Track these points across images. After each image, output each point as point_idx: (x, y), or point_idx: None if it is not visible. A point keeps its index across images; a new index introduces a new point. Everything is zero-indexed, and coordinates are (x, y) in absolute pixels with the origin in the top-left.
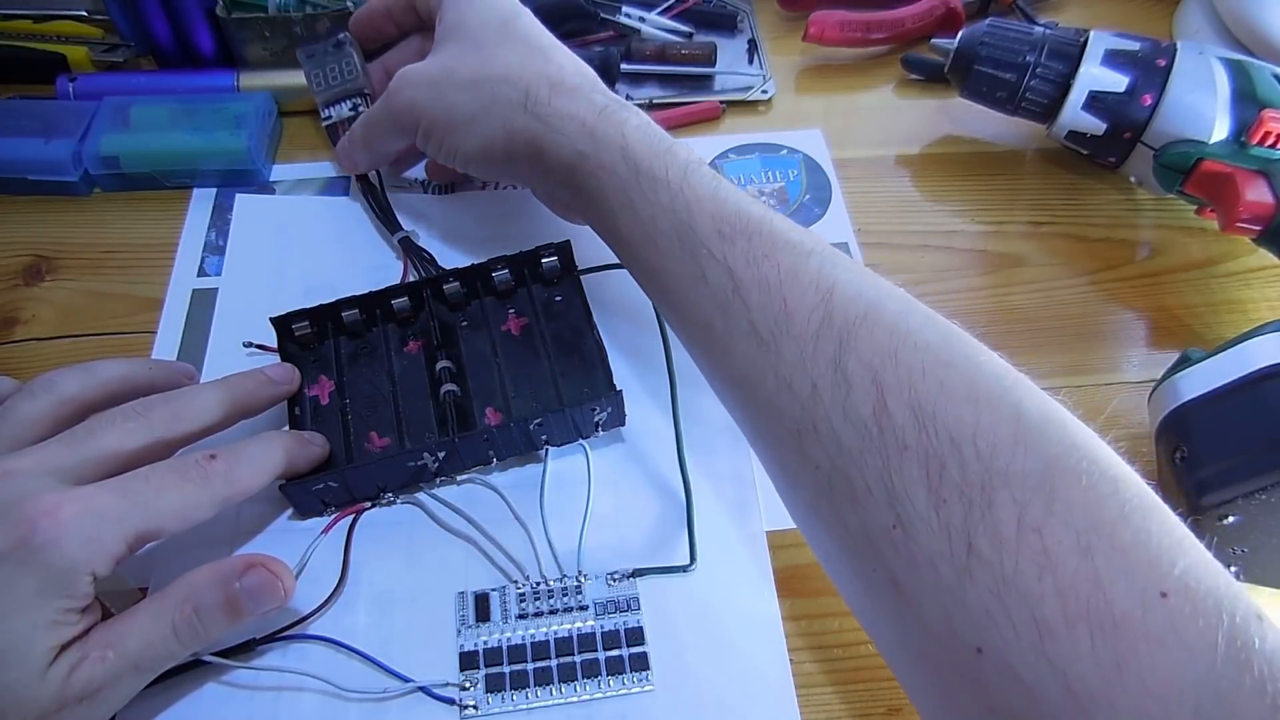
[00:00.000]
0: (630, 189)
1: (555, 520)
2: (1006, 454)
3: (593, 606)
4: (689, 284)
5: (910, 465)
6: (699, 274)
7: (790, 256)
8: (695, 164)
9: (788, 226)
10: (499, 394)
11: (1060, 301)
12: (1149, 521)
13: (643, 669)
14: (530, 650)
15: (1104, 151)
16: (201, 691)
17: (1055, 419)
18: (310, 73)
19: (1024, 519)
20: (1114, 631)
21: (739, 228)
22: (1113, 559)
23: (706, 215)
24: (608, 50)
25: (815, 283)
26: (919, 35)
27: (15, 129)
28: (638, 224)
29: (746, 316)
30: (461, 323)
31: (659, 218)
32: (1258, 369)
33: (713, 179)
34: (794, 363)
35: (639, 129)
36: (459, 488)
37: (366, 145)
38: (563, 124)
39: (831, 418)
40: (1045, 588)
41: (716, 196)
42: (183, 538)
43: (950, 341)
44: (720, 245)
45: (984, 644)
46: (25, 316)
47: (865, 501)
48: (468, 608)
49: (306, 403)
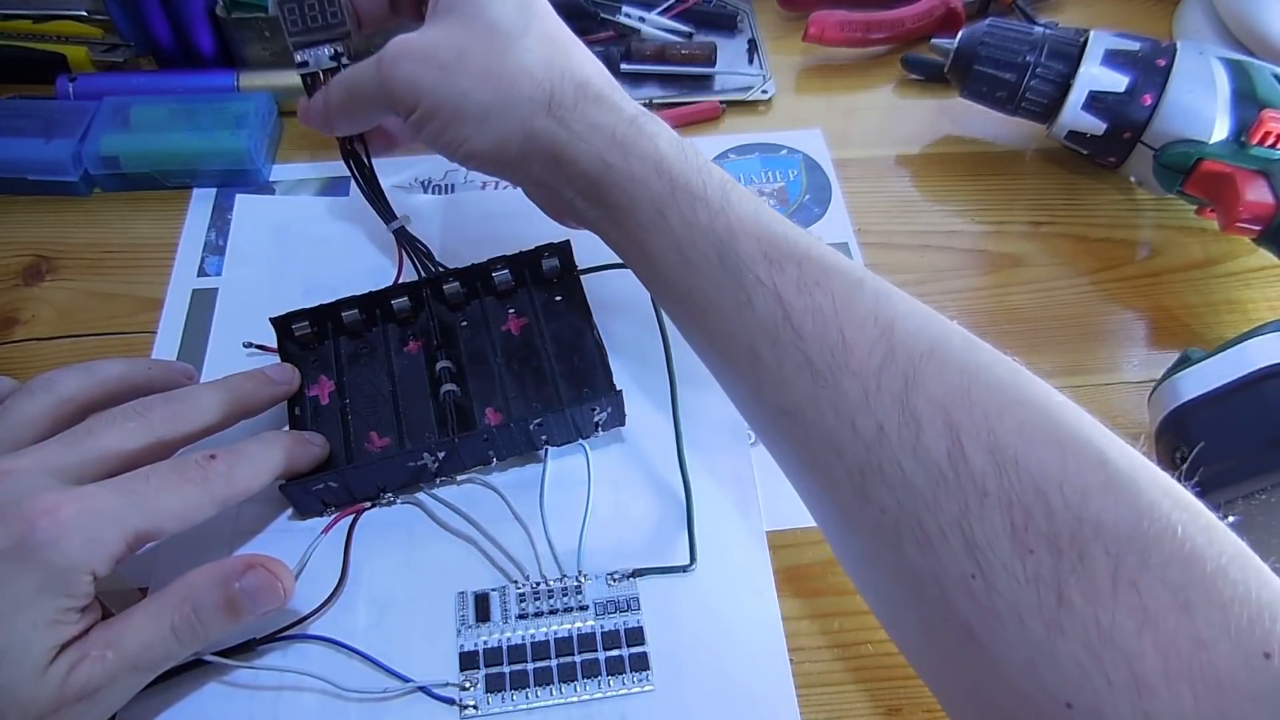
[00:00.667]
0: (664, 204)
1: (555, 520)
2: (1097, 503)
3: (593, 606)
4: (730, 309)
5: (992, 512)
6: (744, 299)
7: (843, 285)
8: (733, 183)
9: (835, 254)
10: (499, 394)
11: (1060, 301)
12: (1247, 576)
13: (643, 669)
14: (530, 650)
15: (1104, 151)
16: (202, 691)
17: (1142, 466)
18: (283, 4)
19: (1119, 572)
20: (1218, 691)
21: (787, 252)
22: (1213, 616)
23: (751, 237)
24: (608, 50)
25: (874, 315)
26: (919, 35)
27: (15, 129)
28: (670, 241)
29: (799, 347)
30: (461, 323)
31: (696, 237)
32: (1258, 369)
33: (753, 200)
34: (856, 400)
35: (673, 144)
36: (459, 488)
37: (346, 112)
38: (589, 132)
39: (900, 460)
40: (1144, 644)
41: (760, 218)
42: (183, 538)
43: (1020, 380)
44: (768, 269)
45: (1075, 699)
46: (25, 316)
47: (940, 548)
48: (468, 608)
49: (306, 403)
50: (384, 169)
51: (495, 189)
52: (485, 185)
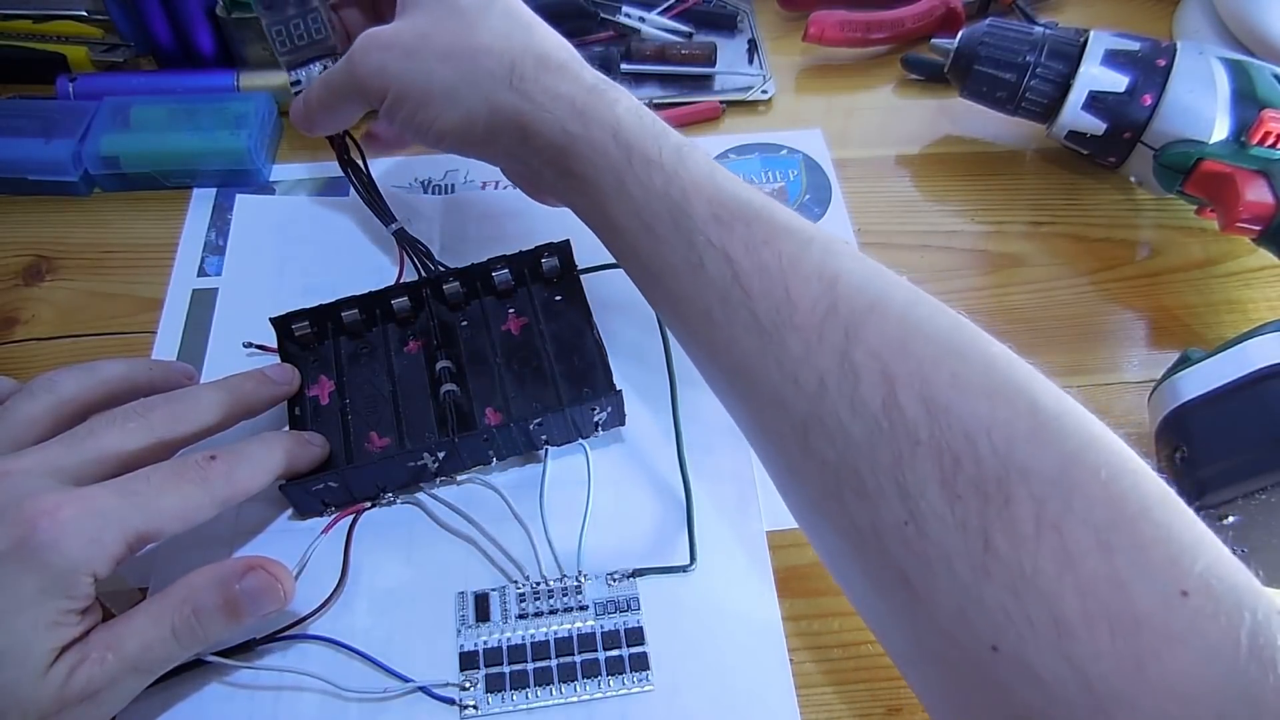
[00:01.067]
0: (622, 171)
1: (555, 520)
2: (1023, 449)
3: (593, 606)
4: (685, 271)
5: (923, 460)
6: (695, 261)
7: (791, 243)
8: (689, 146)
9: (787, 214)
10: (499, 394)
11: (1060, 301)
12: (1169, 518)
13: (643, 669)
14: (530, 650)
15: (1104, 151)
16: (202, 691)
17: (1072, 413)
18: (271, 28)
19: (1043, 515)
20: (1135, 631)
21: (737, 213)
22: (1133, 557)
23: (703, 199)
24: (608, 50)
25: (819, 271)
26: (919, 35)
27: (15, 129)
28: (630, 208)
29: (747, 305)
30: (461, 322)
31: (653, 201)
32: (1258, 369)
33: (707, 163)
34: (798, 355)
35: (631, 110)
36: (459, 488)
37: (325, 108)
38: (551, 102)
39: (839, 412)
40: (1065, 586)
41: (714, 180)
42: (183, 538)
43: (961, 332)
44: (718, 230)
45: (1000, 642)
46: (25, 316)
47: (875, 498)
48: (468, 608)
49: (307, 403)
50: (385, 171)
51: (495, 189)
52: (485, 185)
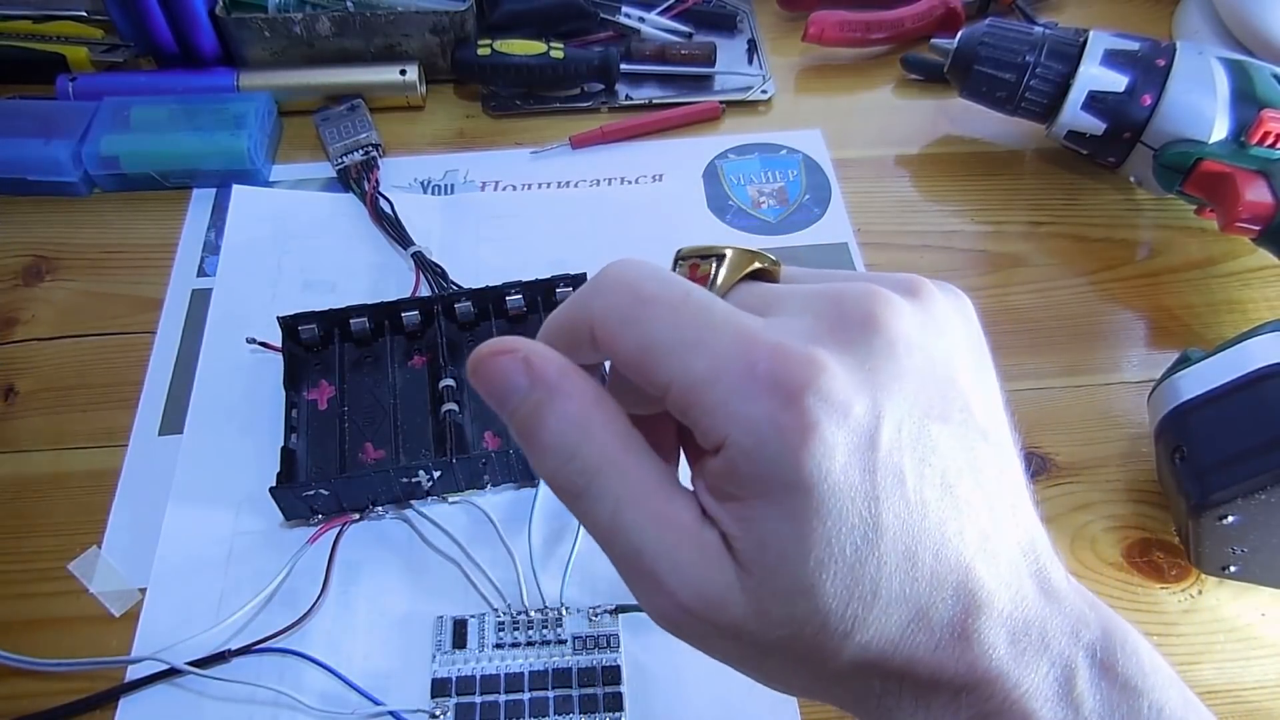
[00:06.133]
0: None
1: (542, 549)
2: None
3: (571, 641)
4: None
5: None
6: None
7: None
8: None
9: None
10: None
11: (1060, 301)
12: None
13: (617, 709)
14: (504, 681)
15: (1104, 151)
16: (171, 701)
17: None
18: (325, 133)
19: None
20: None
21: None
22: None
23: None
24: (608, 50)
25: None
26: (919, 35)
27: (15, 129)
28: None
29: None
30: (469, 342)
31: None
32: (1257, 369)
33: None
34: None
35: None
36: (449, 506)
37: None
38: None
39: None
40: None
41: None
42: (183, 539)
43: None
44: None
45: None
46: (25, 316)
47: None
48: (445, 633)
49: (304, 406)
50: (385, 171)
51: (495, 190)
52: (484, 186)
